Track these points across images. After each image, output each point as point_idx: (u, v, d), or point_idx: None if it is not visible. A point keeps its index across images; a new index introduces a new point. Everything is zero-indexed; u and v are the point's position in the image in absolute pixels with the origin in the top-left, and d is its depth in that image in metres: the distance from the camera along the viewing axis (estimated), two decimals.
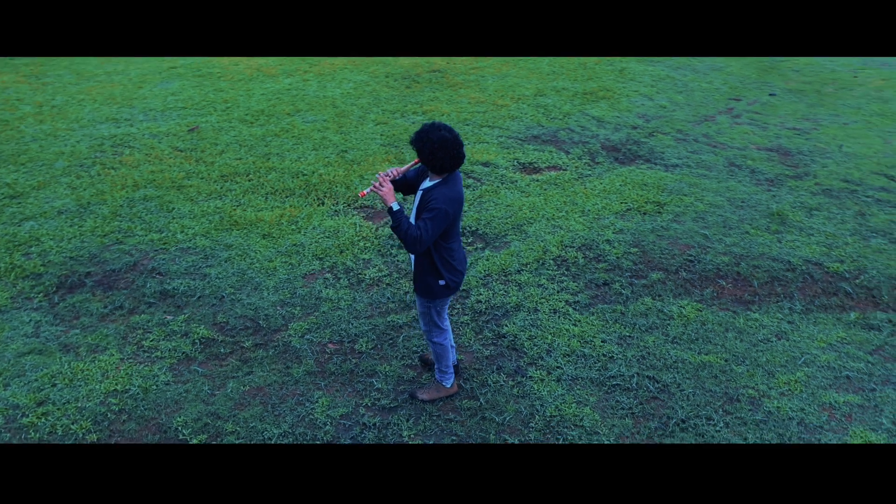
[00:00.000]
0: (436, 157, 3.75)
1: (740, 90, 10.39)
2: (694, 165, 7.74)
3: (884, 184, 7.34)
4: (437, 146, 3.71)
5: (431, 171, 3.85)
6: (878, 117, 9.27)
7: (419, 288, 4.07)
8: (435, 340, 4.26)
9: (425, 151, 3.76)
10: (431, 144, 3.73)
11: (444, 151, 3.72)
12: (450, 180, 3.84)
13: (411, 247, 3.79)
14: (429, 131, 3.75)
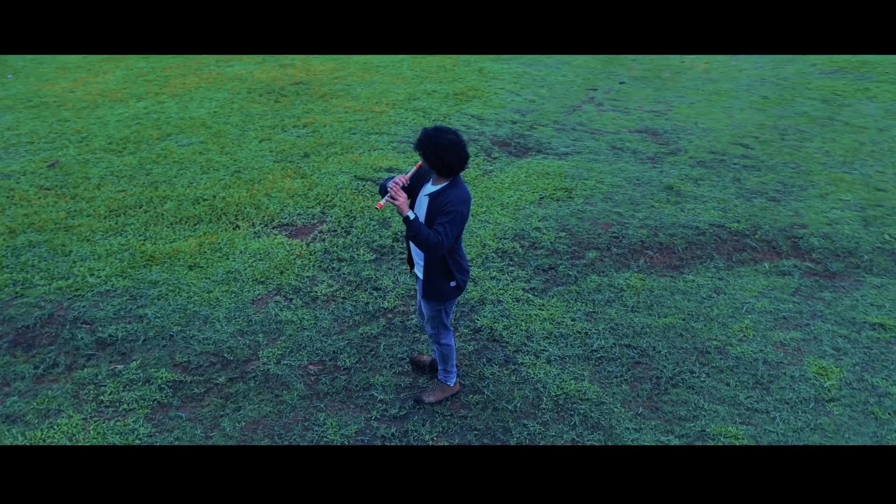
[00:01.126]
0: (445, 160, 3.81)
1: (593, 81, 11.33)
2: (583, 152, 8.37)
3: (743, 152, 8.42)
4: (447, 149, 3.78)
5: (439, 174, 3.90)
6: (716, 95, 10.57)
7: (430, 293, 4.10)
8: (443, 342, 4.32)
9: (435, 155, 3.80)
10: (442, 148, 3.78)
11: (453, 154, 3.80)
12: (457, 182, 3.92)
13: (434, 252, 3.84)
14: (436, 135, 3.81)
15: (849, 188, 7.41)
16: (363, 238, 6.37)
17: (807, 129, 9.13)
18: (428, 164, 3.88)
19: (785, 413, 4.35)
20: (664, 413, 4.36)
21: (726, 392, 4.52)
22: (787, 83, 11.13)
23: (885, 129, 9.13)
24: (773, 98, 10.39)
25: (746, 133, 9.00)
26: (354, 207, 6.90)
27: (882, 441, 4.13)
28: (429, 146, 3.79)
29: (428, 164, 3.86)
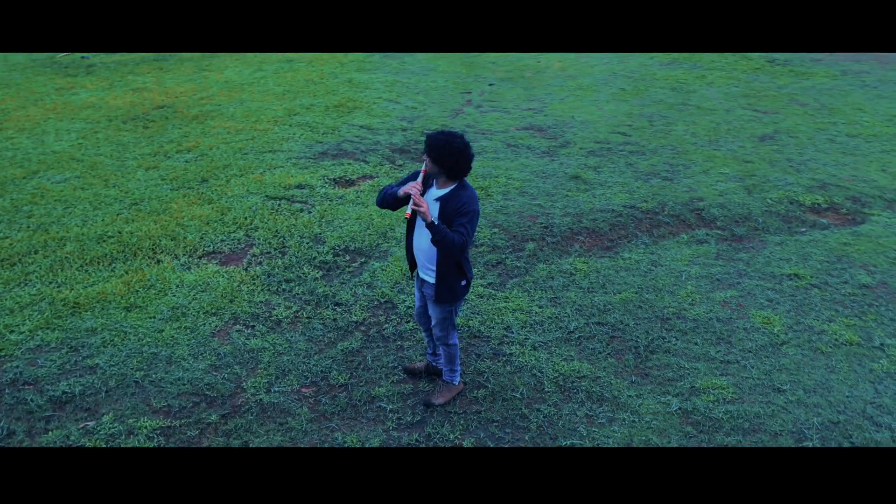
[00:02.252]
0: (459, 164, 3.93)
1: (464, 85, 11.78)
2: (482, 152, 8.73)
3: (623, 139, 9.21)
4: (461, 153, 3.90)
5: (450, 177, 4.00)
6: (580, 91, 11.42)
7: (443, 295, 4.18)
8: (451, 342, 4.41)
9: (450, 160, 3.90)
10: (457, 152, 3.90)
11: (464, 158, 3.93)
12: (464, 183, 4.04)
13: (459, 252, 3.94)
14: (449, 140, 3.90)
15: (723, 163, 8.39)
16: (301, 257, 6.25)
17: (668, 115, 10.16)
18: (438, 168, 3.97)
19: (752, 360, 4.92)
20: (654, 377, 4.76)
21: (698, 350, 5.02)
22: (636, 75, 12.28)
23: (730, 111, 10.39)
24: (630, 90, 11.43)
25: (620, 122, 9.85)
26: (279, 227, 6.74)
27: (834, 371, 4.81)
28: (443, 150, 3.89)
29: (439, 167, 3.95)
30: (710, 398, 4.54)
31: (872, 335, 5.19)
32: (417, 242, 4.22)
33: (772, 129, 9.58)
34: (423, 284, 4.32)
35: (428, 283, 4.26)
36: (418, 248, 4.23)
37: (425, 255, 4.19)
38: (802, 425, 4.32)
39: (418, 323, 4.65)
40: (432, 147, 3.94)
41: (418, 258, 4.27)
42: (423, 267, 4.25)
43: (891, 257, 6.26)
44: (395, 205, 4.18)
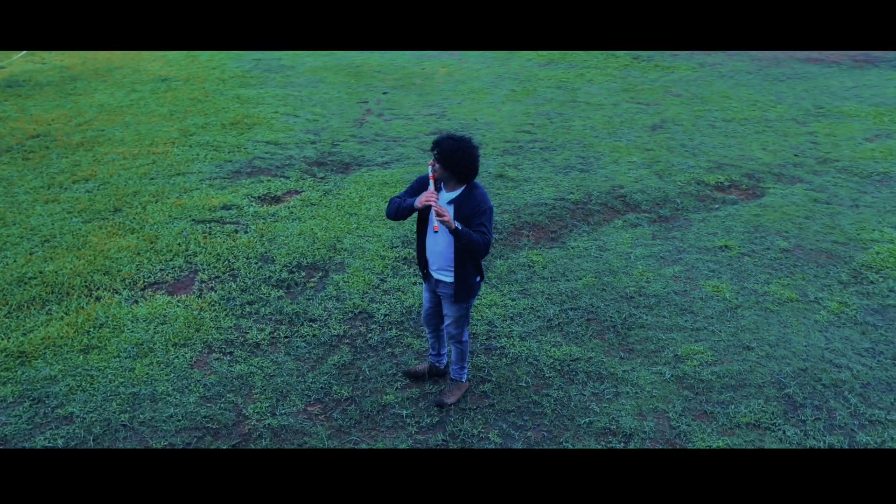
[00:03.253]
0: (471, 167, 4.06)
1: (356, 94, 11.80)
2: (400, 159, 8.84)
3: (530, 137, 9.67)
4: (472, 157, 4.03)
5: (460, 180, 4.10)
6: (473, 94, 11.80)
7: (461, 293, 4.27)
8: (464, 339, 4.51)
9: (463, 164, 4.01)
10: (469, 157, 4.01)
11: (475, 161, 4.06)
12: (473, 183, 4.16)
13: (485, 251, 4.08)
14: (460, 146, 4.00)
15: (628, 152, 9.04)
16: (255, 278, 6.08)
17: (563, 112, 10.77)
18: (450, 172, 4.07)
19: (717, 325, 5.41)
20: (639, 351, 5.12)
21: (668, 322, 5.45)
22: (520, 77, 12.87)
23: (617, 104, 11.19)
24: (520, 90, 11.97)
25: (522, 122, 10.32)
26: (220, 251, 6.50)
27: (787, 325, 5.40)
28: (455, 156, 3.99)
29: (450, 171, 4.05)
30: (694, 363, 4.96)
31: (806, 291, 5.87)
32: (432, 246, 4.29)
33: (658, 119, 10.43)
34: (439, 285, 4.39)
35: (444, 283, 4.34)
36: (433, 251, 4.30)
37: (442, 258, 4.27)
38: (779, 376, 4.83)
39: (425, 324, 4.71)
40: (444, 153, 4.03)
41: (433, 261, 4.33)
42: (440, 268, 4.32)
43: (797, 223, 7.08)
44: (409, 215, 4.23)
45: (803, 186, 7.97)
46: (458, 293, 4.29)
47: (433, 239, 4.26)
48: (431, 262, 4.37)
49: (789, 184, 8.06)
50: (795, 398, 4.63)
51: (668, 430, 4.36)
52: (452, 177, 4.09)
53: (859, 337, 5.27)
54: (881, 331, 5.34)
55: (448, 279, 4.31)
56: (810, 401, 4.61)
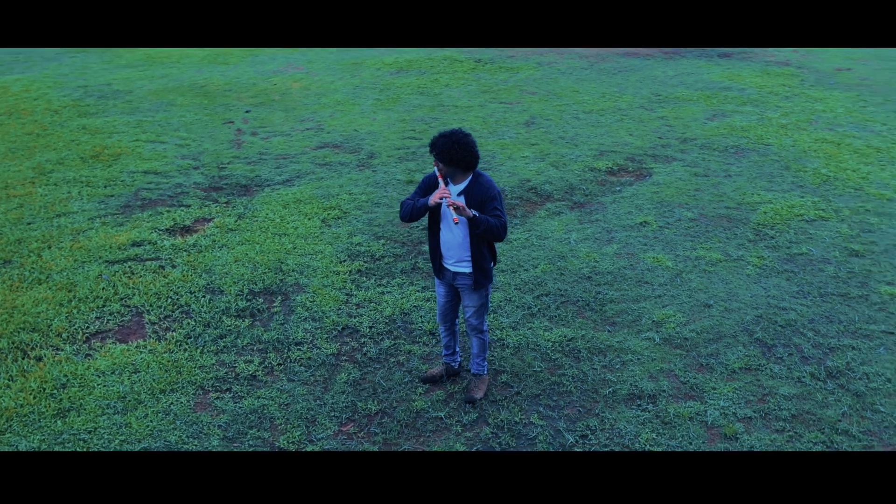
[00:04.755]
0: (472, 154, 4.25)
1: (217, 115, 11.31)
2: (301, 175, 8.70)
3: (419, 143, 9.91)
4: (470, 145, 4.23)
5: (465, 170, 4.29)
6: (340, 105, 11.79)
7: (480, 279, 4.44)
8: (484, 329, 4.69)
9: (463, 154, 4.20)
10: (467, 147, 4.21)
11: (474, 149, 4.26)
12: (478, 171, 4.36)
13: (504, 233, 4.28)
14: (455, 139, 4.19)
15: (517, 148, 9.61)
16: (211, 311, 5.78)
17: (437, 116, 11.14)
18: (455, 166, 4.25)
19: (673, 290, 6.04)
20: (621, 323, 5.59)
21: (631, 294, 5.99)
22: (378, 86, 13.05)
23: (483, 105, 11.78)
24: (385, 99, 12.17)
25: (402, 129, 10.54)
26: (157, 289, 6.09)
27: (728, 282, 6.16)
28: (454, 150, 4.19)
29: (454, 166, 4.23)
30: (672, 326, 5.52)
31: (728, 252, 6.71)
32: (448, 240, 4.42)
33: (527, 115, 11.15)
34: (456, 278, 4.52)
35: (463, 275, 4.49)
36: (450, 244, 4.43)
37: (461, 249, 4.42)
38: (744, 325, 5.54)
39: (441, 322, 4.80)
40: (443, 151, 4.22)
41: (450, 254, 4.46)
42: (458, 261, 4.46)
43: (690, 195, 8.01)
44: (423, 214, 4.35)
45: (679, 164, 9.00)
46: (478, 279, 4.46)
47: (450, 232, 4.41)
48: (448, 255, 4.50)
49: (667, 163, 9.06)
50: (765, 341, 5.35)
51: (682, 386, 4.86)
52: (457, 169, 4.27)
53: (786, 283, 6.16)
54: (800, 275, 6.27)
55: (467, 269, 4.47)
56: (777, 340, 5.34)
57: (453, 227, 4.39)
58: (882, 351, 5.20)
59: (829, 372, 4.98)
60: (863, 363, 5.06)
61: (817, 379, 4.91)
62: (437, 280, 4.70)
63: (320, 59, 15.28)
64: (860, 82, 13.11)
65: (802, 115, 11.03)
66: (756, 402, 4.69)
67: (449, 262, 4.53)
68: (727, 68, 14.21)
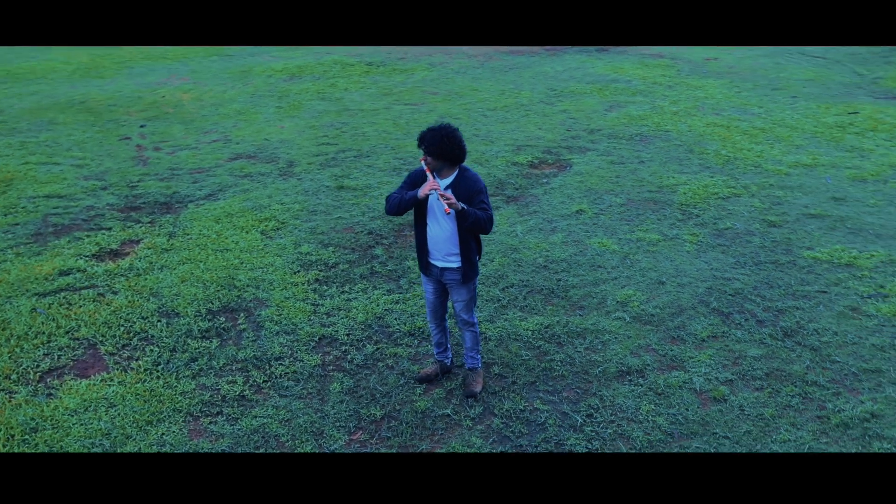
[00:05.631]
0: (460, 148, 4.36)
1: (109, 132, 10.65)
2: (224, 188, 8.40)
3: (335, 148, 9.82)
4: (458, 139, 4.33)
5: (453, 164, 4.38)
6: (241, 115, 11.43)
7: (468, 273, 4.53)
8: (475, 322, 4.79)
9: (452, 148, 4.31)
10: (456, 140, 4.31)
11: (461, 141, 4.37)
12: (464, 166, 4.46)
13: (490, 226, 4.40)
14: (444, 133, 4.28)
15: None
16: (173, 335, 5.52)
17: (346, 121, 11.07)
18: (443, 160, 4.34)
19: (626, 271, 6.39)
20: (588, 306, 5.86)
21: (589, 278, 6.28)
22: (275, 93, 12.77)
23: (389, 107, 11.82)
24: (286, 106, 11.93)
25: (314, 135, 10.40)
26: (105, 317, 5.73)
27: (672, 259, 6.59)
28: (444, 144, 4.29)
29: (442, 160, 4.32)
30: (637, 303, 5.85)
31: (663, 232, 7.18)
32: (436, 234, 4.49)
33: (434, 115, 11.31)
34: (444, 273, 4.59)
35: (451, 270, 4.56)
36: (437, 239, 4.50)
37: (449, 243, 4.49)
38: (699, 297, 5.96)
39: (431, 320, 4.85)
40: (432, 145, 4.30)
41: (438, 249, 4.52)
42: (445, 255, 4.53)
43: (614, 182, 8.47)
44: (411, 207, 4.41)
45: (594, 154, 9.48)
46: (466, 273, 4.56)
47: (437, 227, 4.47)
48: (436, 250, 4.56)
49: (582, 153, 9.51)
50: (721, 309, 5.79)
51: (663, 359, 5.18)
52: (445, 163, 4.36)
53: (723, 256, 6.68)
54: (732, 248, 6.82)
55: (455, 264, 4.55)
56: (732, 308, 5.80)
57: (441, 222, 4.47)
58: (822, 308, 5.77)
59: (784, 332, 5.48)
60: (810, 321, 5.60)
61: (776, 339, 5.39)
62: (425, 278, 4.75)
63: (204, 69, 14.73)
64: (728, 70, 14.30)
65: (688, 102, 11.91)
66: (731, 366, 5.08)
67: (436, 257, 4.59)
68: (609, 62, 15.05)
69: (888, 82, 13.29)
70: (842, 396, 4.76)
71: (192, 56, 16.04)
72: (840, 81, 13.34)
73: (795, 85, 13.05)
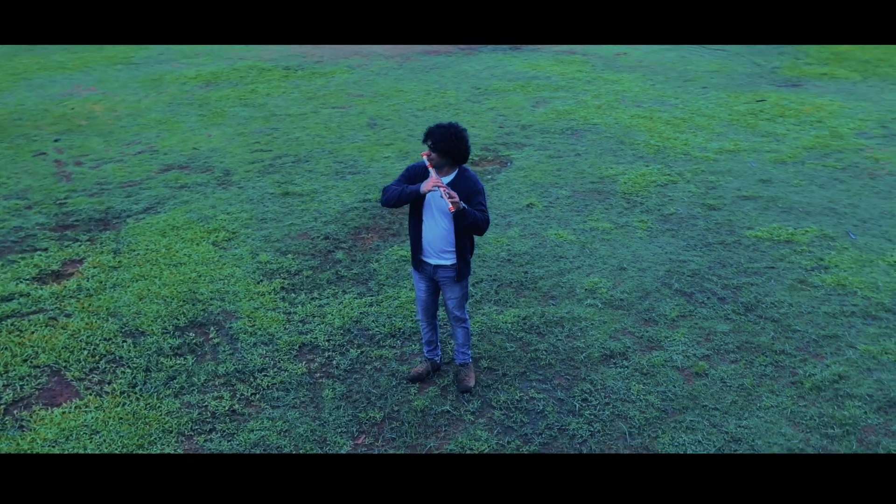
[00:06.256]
0: (467, 148, 4.44)
1: (21, 148, 10.02)
2: (163, 201, 8.09)
3: (271, 155, 9.62)
4: (465, 139, 4.39)
5: (456, 163, 4.43)
6: (162, 125, 11.00)
7: (462, 272, 4.62)
8: (467, 318, 4.86)
9: (459, 147, 4.36)
10: (463, 139, 4.38)
11: (468, 141, 4.44)
12: (464, 166, 4.52)
13: (486, 227, 4.48)
14: (453, 132, 4.33)
15: (376, 150, 9.72)
16: (144, 354, 5.32)
17: (276, 126, 10.85)
18: (448, 158, 4.40)
19: (587, 259, 6.61)
20: (560, 296, 6.03)
21: (554, 268, 6.46)
22: (194, 101, 12.34)
23: (317, 112, 11.67)
24: (209, 114, 11.56)
25: (246, 142, 10.14)
26: (63, 342, 5.45)
27: (628, 246, 6.87)
28: (452, 142, 4.36)
29: (449, 157, 4.40)
30: (604, 291, 6.08)
31: (614, 221, 7.46)
32: (432, 233, 4.54)
33: (365, 118, 11.27)
34: (437, 271, 4.64)
35: (445, 267, 4.62)
36: (433, 237, 4.55)
37: (444, 240, 4.56)
38: (661, 280, 6.25)
39: (423, 317, 4.88)
40: (440, 142, 4.35)
41: (433, 247, 4.58)
42: (439, 253, 4.59)
43: (557, 175, 8.72)
44: (410, 201, 4.44)
45: (531, 149, 9.72)
46: (460, 271, 4.64)
47: (434, 224, 4.52)
48: (431, 248, 4.61)
49: (519, 149, 9.73)
50: (684, 289, 6.10)
51: (641, 340, 5.41)
52: (448, 161, 4.43)
53: (674, 240, 7.02)
54: (681, 232, 7.18)
55: (449, 261, 4.61)
56: (693, 288, 6.12)
57: (437, 219, 4.51)
58: (773, 283, 6.18)
59: (745, 307, 5.83)
60: (766, 295, 5.98)
61: (739, 314, 5.73)
62: (417, 275, 4.78)
63: (111, 79, 14.07)
64: (639, 65, 14.95)
65: (609, 96, 12.38)
66: (705, 342, 5.37)
67: (430, 255, 4.63)
68: (525, 60, 15.42)
69: (785, 71, 14.27)
70: (809, 362, 5.12)
71: (94, 65, 15.27)
72: (742, 72, 14.20)
73: (703, 76, 13.80)
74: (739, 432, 4.45)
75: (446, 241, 4.56)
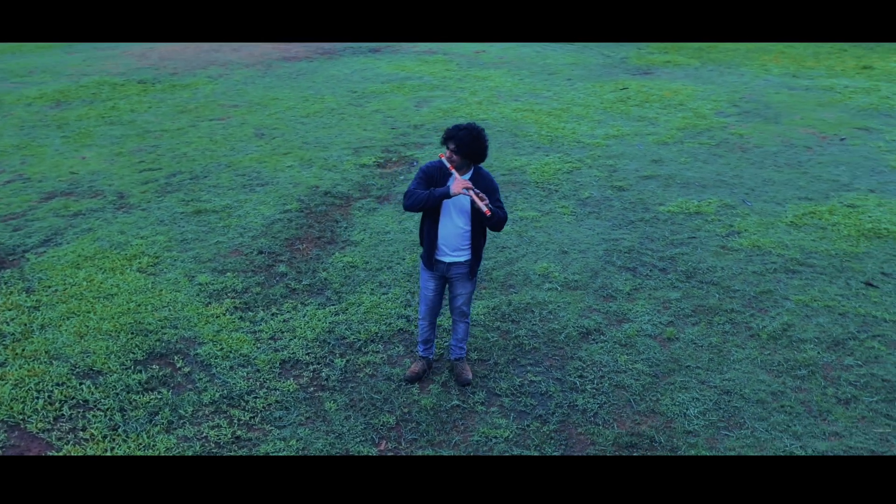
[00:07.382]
0: (486, 147, 4.57)
1: None
2: (60, 230, 7.42)
3: (163, 174, 9.07)
4: (485, 139, 4.51)
5: (476, 161, 4.54)
6: (24, 149, 10.02)
7: (475, 268, 4.73)
8: (469, 313, 4.96)
9: (480, 147, 4.48)
10: (484, 139, 4.50)
11: (487, 141, 4.55)
12: (478, 166, 4.62)
13: (505, 223, 4.59)
14: (473, 133, 4.45)
15: (277, 160, 9.47)
16: (109, 395, 4.95)
17: (157, 143, 10.23)
18: (469, 159, 4.52)
19: (530, 248, 6.91)
20: (517, 284, 6.27)
21: (502, 259, 6.69)
22: (48, 122, 11.33)
23: (195, 125, 11.12)
24: (72, 135, 10.67)
25: (129, 162, 9.49)
26: (8, 393, 4.93)
27: (564, 233, 7.24)
28: (473, 143, 4.47)
29: (469, 158, 4.51)
30: (557, 274, 6.39)
31: (538, 208, 7.82)
32: (449, 231, 4.64)
33: (250, 129, 10.92)
34: (451, 268, 4.73)
35: (459, 263, 4.73)
36: (451, 234, 4.65)
37: (460, 238, 4.66)
38: (604, 259, 6.66)
39: (428, 316, 4.92)
40: (463, 143, 4.45)
41: (448, 245, 4.67)
42: (455, 250, 4.68)
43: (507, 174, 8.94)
44: (438, 203, 4.50)
45: (431, 147, 9.89)
46: (473, 267, 4.77)
47: (451, 223, 4.62)
48: (446, 246, 4.70)
49: (420, 148, 9.87)
50: (626, 265, 6.55)
51: (609, 315, 5.77)
52: (468, 161, 4.53)
53: (599, 221, 7.49)
54: (602, 213, 7.67)
55: (464, 258, 4.73)
56: (634, 263, 6.59)
57: (455, 219, 4.62)
58: (700, 251, 6.80)
59: (685, 275, 6.37)
60: (698, 262, 6.58)
61: (683, 281, 6.26)
62: (427, 275, 4.83)
63: None
64: (501, 61, 15.59)
65: (485, 92, 12.84)
66: (664, 310, 5.83)
67: (445, 253, 4.72)
68: (390, 62, 15.57)
69: (633, 60, 15.48)
70: (757, 317, 5.72)
71: None
72: (597, 63, 15.24)
73: (564, 69, 14.66)
74: (726, 384, 4.92)
75: (463, 239, 4.67)
